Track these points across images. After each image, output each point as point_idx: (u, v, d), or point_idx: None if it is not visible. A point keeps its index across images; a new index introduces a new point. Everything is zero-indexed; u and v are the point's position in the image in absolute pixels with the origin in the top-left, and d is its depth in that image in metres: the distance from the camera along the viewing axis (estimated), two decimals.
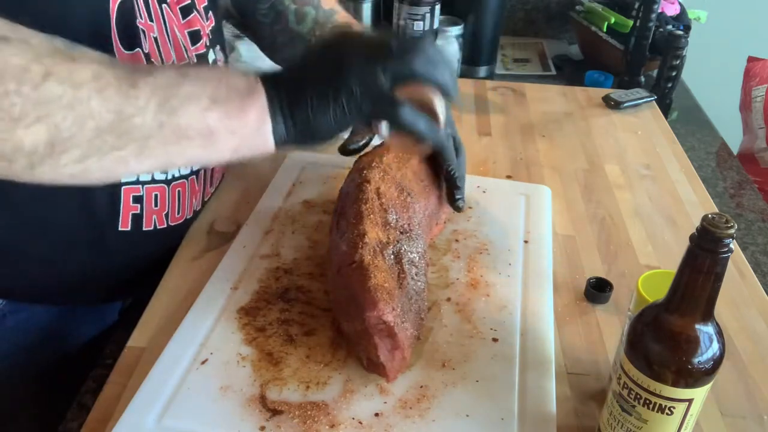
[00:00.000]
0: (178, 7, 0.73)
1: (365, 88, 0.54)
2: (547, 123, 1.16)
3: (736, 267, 0.83)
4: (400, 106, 0.56)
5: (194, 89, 0.51)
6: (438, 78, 0.57)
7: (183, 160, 0.55)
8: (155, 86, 0.50)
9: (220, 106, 0.52)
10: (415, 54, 0.55)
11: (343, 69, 0.54)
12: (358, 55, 0.55)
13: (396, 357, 0.61)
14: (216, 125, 0.52)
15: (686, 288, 0.48)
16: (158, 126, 0.50)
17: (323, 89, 0.54)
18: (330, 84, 0.54)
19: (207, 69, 0.55)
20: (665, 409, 0.51)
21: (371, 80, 0.54)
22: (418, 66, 0.55)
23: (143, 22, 0.68)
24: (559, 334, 0.71)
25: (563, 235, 0.87)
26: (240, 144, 0.54)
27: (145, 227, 0.74)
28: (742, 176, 1.13)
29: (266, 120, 0.54)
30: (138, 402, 0.59)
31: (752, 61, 1.72)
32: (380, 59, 0.54)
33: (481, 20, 1.40)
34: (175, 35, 0.72)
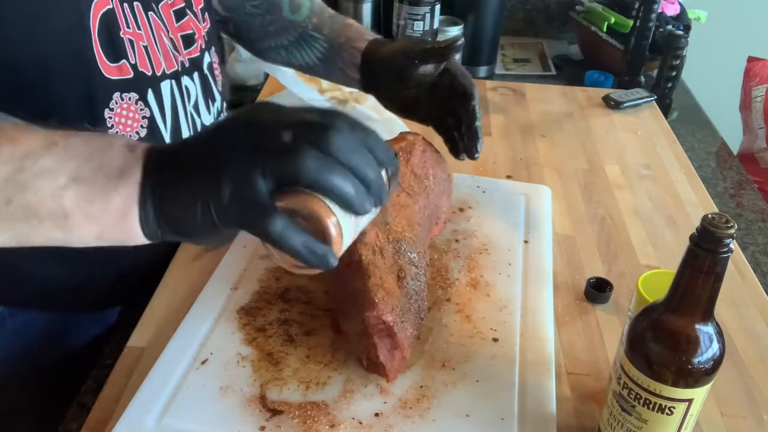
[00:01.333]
0: (172, 11, 0.73)
1: (236, 193, 0.44)
2: (547, 123, 1.16)
3: (736, 267, 0.83)
4: (270, 217, 0.44)
5: (55, 164, 0.45)
6: (333, 186, 0.44)
7: (39, 240, 0.47)
8: (8, 157, 0.44)
9: (80, 187, 0.45)
10: (311, 150, 0.44)
11: (219, 166, 0.45)
12: (240, 148, 0.45)
13: (396, 357, 0.61)
14: (71, 207, 0.45)
15: (686, 288, 0.48)
16: (4, 202, 0.44)
17: (195, 188, 0.45)
18: (202, 182, 0.45)
19: (84, 138, 0.47)
20: (665, 409, 0.51)
21: (245, 181, 0.44)
22: (305, 168, 0.44)
23: (130, 32, 0.67)
24: (559, 334, 0.71)
25: (563, 235, 0.87)
26: (102, 232, 0.47)
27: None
28: (742, 176, 1.13)
29: (132, 209, 0.46)
30: (138, 402, 0.59)
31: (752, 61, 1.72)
32: (262, 156, 0.44)
33: (481, 20, 1.40)
34: (163, 42, 0.71)
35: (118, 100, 0.66)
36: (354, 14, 1.52)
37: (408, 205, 0.72)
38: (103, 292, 0.80)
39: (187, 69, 0.75)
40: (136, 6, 0.68)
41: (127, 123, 0.67)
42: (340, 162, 0.45)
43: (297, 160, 0.44)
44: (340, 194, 0.45)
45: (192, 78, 0.76)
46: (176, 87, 0.73)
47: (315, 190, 0.45)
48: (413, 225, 0.70)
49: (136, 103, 0.68)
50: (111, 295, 0.82)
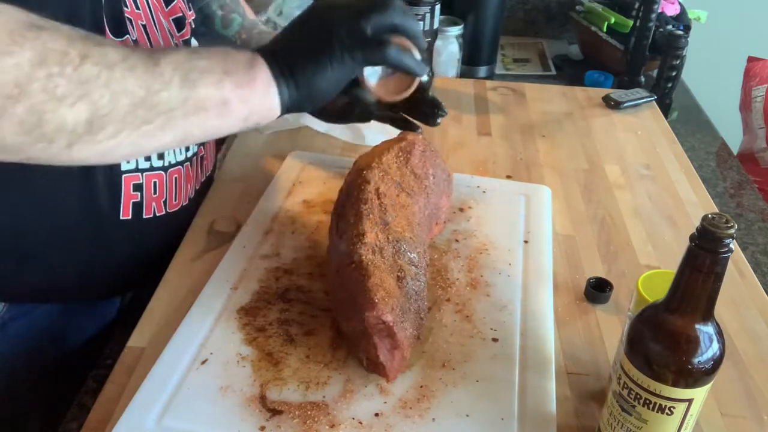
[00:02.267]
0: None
1: (353, 38, 0.60)
2: (547, 123, 1.16)
3: (736, 267, 0.83)
4: (388, 46, 0.62)
5: (208, 63, 0.56)
6: (412, 27, 0.64)
7: (200, 131, 0.57)
8: (175, 63, 0.54)
9: (231, 78, 0.56)
10: (389, 8, 0.62)
11: (330, 26, 0.60)
12: (340, 13, 0.61)
13: (396, 357, 0.61)
14: (230, 95, 0.56)
15: (686, 288, 0.48)
16: (182, 99, 0.54)
17: (317, 48, 0.60)
18: (322, 42, 0.60)
19: (209, 48, 0.59)
20: (665, 409, 0.51)
21: (357, 30, 0.60)
22: (394, 17, 0.62)
23: (129, 11, 0.70)
24: (559, 334, 0.71)
25: (563, 235, 0.87)
26: (250, 111, 0.59)
27: (145, 215, 0.76)
28: (742, 176, 1.13)
29: (272, 86, 0.59)
30: (138, 402, 0.59)
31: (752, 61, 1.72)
32: (362, 13, 0.61)
33: (481, 20, 1.40)
34: (161, 22, 0.75)
35: None
36: None
37: (408, 205, 0.72)
38: (108, 279, 0.81)
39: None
40: None
41: None
42: (406, 14, 0.64)
43: (387, 12, 0.62)
44: (415, 32, 0.64)
45: None
46: None
47: (402, 30, 0.63)
48: (413, 225, 0.70)
49: None
50: (114, 284, 0.83)
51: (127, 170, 0.73)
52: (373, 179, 0.70)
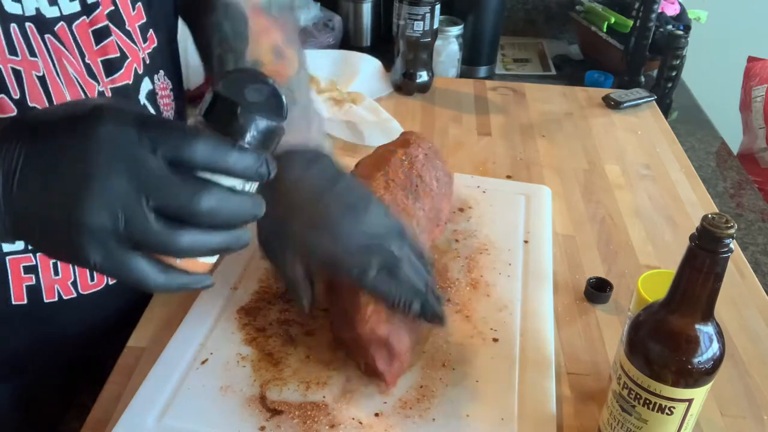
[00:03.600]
0: (90, 30, 0.62)
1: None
2: (547, 123, 1.16)
3: (736, 267, 0.83)
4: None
5: None
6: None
7: None
8: None
9: None
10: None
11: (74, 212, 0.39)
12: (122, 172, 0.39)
13: (394, 365, 0.60)
14: None
15: (686, 288, 0.48)
16: None
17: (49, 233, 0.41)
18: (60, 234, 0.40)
19: None
20: (665, 409, 0.51)
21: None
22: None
23: (17, 60, 0.56)
24: (559, 334, 0.71)
25: (563, 235, 0.87)
26: None
27: (46, 299, 0.64)
28: (742, 176, 1.13)
29: None
30: (138, 402, 0.59)
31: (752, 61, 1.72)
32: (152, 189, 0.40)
33: (481, 20, 1.40)
34: (66, 71, 0.60)
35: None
36: (354, 14, 1.52)
37: (411, 211, 0.71)
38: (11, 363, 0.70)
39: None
40: (28, 27, 0.57)
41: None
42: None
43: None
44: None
45: None
46: None
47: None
48: (415, 230, 0.70)
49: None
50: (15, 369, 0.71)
51: (11, 252, 0.61)
52: (378, 190, 0.69)
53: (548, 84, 1.35)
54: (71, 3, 0.59)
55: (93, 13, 0.61)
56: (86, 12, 0.61)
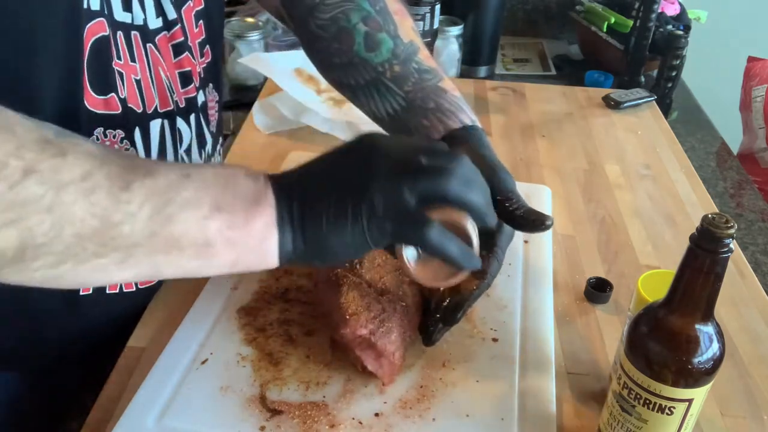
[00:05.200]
0: (170, 45, 0.66)
1: (389, 206, 0.48)
2: (547, 123, 1.16)
3: (736, 267, 0.83)
4: (428, 226, 0.49)
5: (195, 194, 0.45)
6: (472, 201, 0.51)
7: (171, 271, 0.47)
8: (152, 190, 0.44)
9: (222, 215, 0.46)
10: (448, 173, 0.50)
11: (366, 183, 0.48)
12: (383, 167, 0.49)
13: (384, 364, 0.60)
14: (214, 236, 0.46)
15: (686, 288, 0.48)
16: (149, 235, 0.44)
17: (341, 204, 0.48)
18: (350, 199, 0.48)
19: (212, 169, 0.48)
20: (665, 409, 0.51)
21: (397, 198, 0.48)
22: (450, 186, 0.50)
23: (122, 64, 0.60)
24: (559, 334, 0.71)
25: (563, 235, 0.87)
26: (239, 258, 0.48)
27: (109, 290, 0.67)
28: (742, 176, 1.13)
29: (272, 233, 0.48)
30: (138, 402, 0.59)
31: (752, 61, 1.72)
32: (408, 175, 0.49)
33: (481, 20, 1.40)
34: (160, 77, 0.65)
35: (99, 137, 0.59)
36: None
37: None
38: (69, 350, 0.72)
39: (182, 109, 0.68)
40: (133, 36, 0.61)
41: None
42: (473, 183, 0.52)
43: (443, 179, 0.49)
44: (477, 208, 0.52)
45: (187, 120, 0.69)
46: (168, 128, 0.66)
47: (457, 204, 0.51)
48: None
49: (121, 141, 0.61)
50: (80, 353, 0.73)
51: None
52: None
53: (548, 84, 1.35)
54: (156, 19, 0.64)
55: (173, 29, 0.66)
56: (167, 27, 0.65)
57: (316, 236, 0.49)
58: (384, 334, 0.60)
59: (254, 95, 1.19)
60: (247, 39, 1.31)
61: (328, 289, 0.62)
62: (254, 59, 1.19)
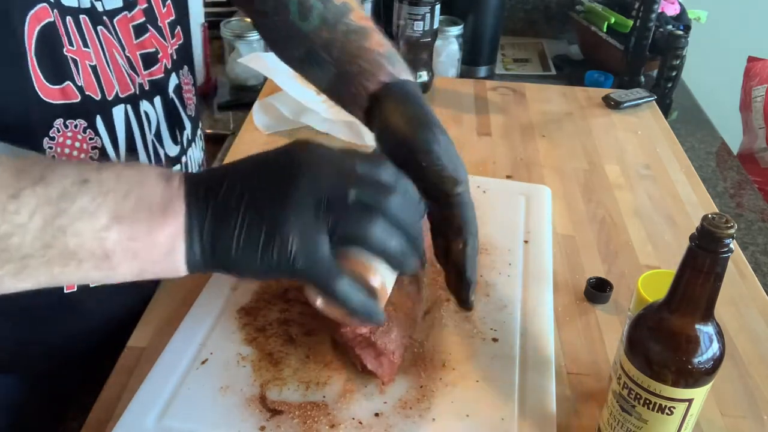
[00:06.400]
0: (131, 25, 0.64)
1: (301, 250, 0.45)
2: (547, 123, 1.16)
3: (736, 267, 0.83)
4: (337, 279, 0.47)
5: (92, 203, 0.42)
6: (391, 251, 0.48)
7: (75, 280, 0.46)
8: (43, 198, 0.41)
9: (122, 226, 0.43)
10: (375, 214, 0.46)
11: (284, 217, 0.44)
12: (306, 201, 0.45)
13: (383, 363, 0.60)
14: (113, 249, 0.43)
15: (686, 288, 0.48)
16: (42, 247, 0.42)
17: (254, 231, 0.45)
18: (263, 227, 0.45)
19: (117, 172, 0.45)
20: (665, 409, 0.51)
21: (311, 244, 0.45)
22: (373, 233, 0.46)
23: (74, 50, 0.58)
24: (559, 334, 0.71)
25: (563, 235, 0.87)
26: (143, 268, 0.45)
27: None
28: (742, 176, 1.13)
29: (179, 245, 0.45)
30: (138, 402, 0.59)
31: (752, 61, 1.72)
32: (331, 215, 0.45)
33: (481, 20, 1.40)
34: (116, 61, 0.62)
35: (60, 128, 0.57)
36: None
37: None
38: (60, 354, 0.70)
39: (147, 92, 0.66)
40: (82, 19, 0.59)
41: (73, 154, 0.59)
42: (399, 226, 0.48)
43: (365, 225, 0.46)
44: (397, 259, 0.49)
45: (152, 102, 0.67)
46: (132, 113, 0.64)
47: (376, 253, 0.48)
48: None
49: (83, 131, 0.59)
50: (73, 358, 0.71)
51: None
52: None
53: (548, 84, 1.35)
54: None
55: (133, 9, 0.64)
56: (127, 8, 0.64)
57: (225, 257, 0.45)
58: (384, 332, 0.60)
59: (254, 95, 1.19)
60: (247, 39, 1.31)
61: None
62: (254, 59, 1.19)
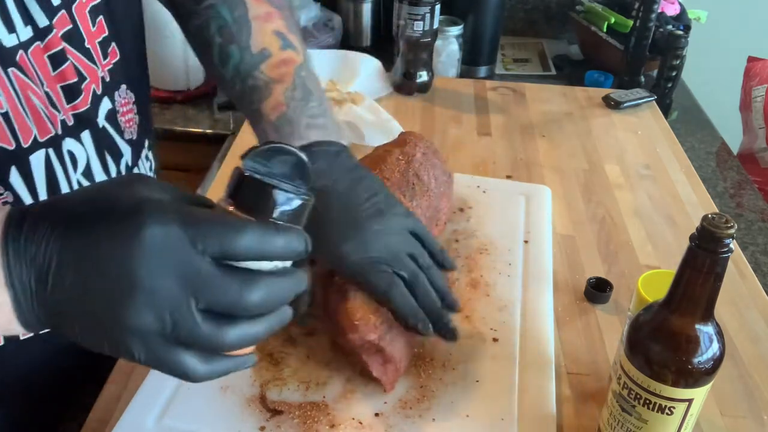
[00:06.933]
0: (46, 56, 0.55)
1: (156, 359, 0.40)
2: (547, 123, 1.16)
3: (736, 267, 0.83)
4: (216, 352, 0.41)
5: None
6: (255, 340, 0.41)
7: None
8: None
9: None
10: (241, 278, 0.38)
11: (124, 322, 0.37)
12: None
13: (389, 370, 0.60)
14: None
15: (686, 288, 0.48)
16: None
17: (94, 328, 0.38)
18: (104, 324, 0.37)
19: None
20: (665, 409, 0.51)
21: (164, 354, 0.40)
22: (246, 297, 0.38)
23: None
24: (559, 334, 0.71)
25: (563, 235, 0.87)
26: None
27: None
28: (742, 176, 1.13)
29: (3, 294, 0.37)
30: (138, 402, 0.59)
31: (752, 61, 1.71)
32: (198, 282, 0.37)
33: (481, 20, 1.40)
34: (32, 103, 0.55)
35: None
36: (354, 14, 1.52)
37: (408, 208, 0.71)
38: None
39: (71, 128, 0.58)
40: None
41: None
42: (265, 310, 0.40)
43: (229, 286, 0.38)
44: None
45: (79, 138, 0.59)
46: (55, 155, 0.57)
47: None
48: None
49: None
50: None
51: None
52: None
53: (548, 84, 1.35)
54: (25, 28, 0.53)
55: (47, 37, 0.55)
56: (40, 37, 0.54)
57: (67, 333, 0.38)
58: (391, 340, 0.60)
59: None
60: None
61: (332, 293, 0.62)
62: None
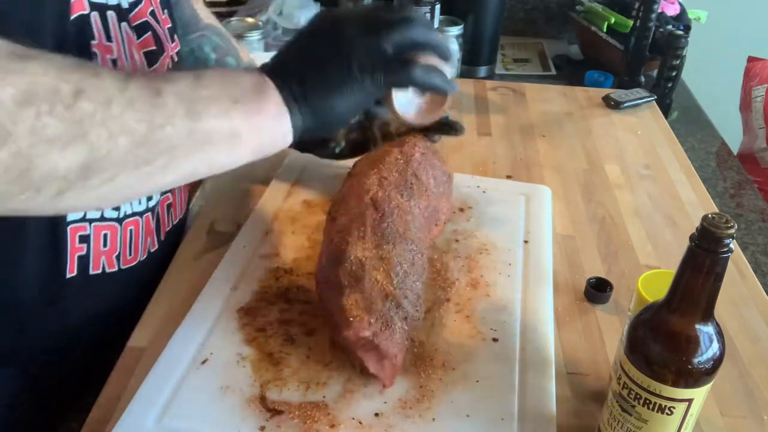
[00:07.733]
0: (133, 25, 0.67)
1: (374, 59, 0.55)
2: (547, 123, 1.16)
3: (736, 267, 0.83)
4: (412, 67, 0.58)
5: (213, 92, 0.51)
6: (435, 42, 0.60)
7: (205, 168, 0.52)
8: (179, 92, 0.49)
9: (240, 106, 0.52)
10: (409, 22, 0.58)
11: (349, 45, 0.55)
12: (356, 29, 0.56)
13: (386, 366, 0.60)
14: (240, 126, 0.52)
15: (686, 288, 0.48)
16: (187, 133, 0.49)
17: (333, 70, 0.55)
18: (338, 63, 0.55)
19: (213, 71, 0.53)
20: (665, 409, 0.51)
21: (377, 50, 0.56)
22: (416, 32, 0.58)
23: (97, 44, 0.62)
24: (559, 334, 0.71)
25: (563, 235, 0.87)
26: (261, 141, 0.54)
27: (92, 270, 0.67)
28: (742, 176, 1.13)
29: (284, 113, 0.55)
30: (138, 402, 0.59)
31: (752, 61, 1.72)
32: (381, 29, 0.56)
33: (481, 20, 1.40)
34: (134, 58, 0.67)
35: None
36: None
37: (407, 209, 0.71)
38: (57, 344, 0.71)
39: None
40: (109, 16, 0.63)
41: None
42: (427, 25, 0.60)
43: (407, 28, 0.57)
44: (439, 46, 0.61)
45: None
46: None
47: (424, 48, 0.59)
48: (410, 229, 0.70)
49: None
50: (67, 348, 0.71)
51: (73, 220, 0.64)
52: (371, 188, 0.69)
53: (548, 84, 1.35)
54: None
55: (137, 7, 0.68)
56: (134, 6, 0.67)
57: (321, 103, 0.55)
58: (387, 336, 0.60)
59: None
60: (247, 39, 1.31)
61: (329, 290, 0.62)
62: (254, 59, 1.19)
